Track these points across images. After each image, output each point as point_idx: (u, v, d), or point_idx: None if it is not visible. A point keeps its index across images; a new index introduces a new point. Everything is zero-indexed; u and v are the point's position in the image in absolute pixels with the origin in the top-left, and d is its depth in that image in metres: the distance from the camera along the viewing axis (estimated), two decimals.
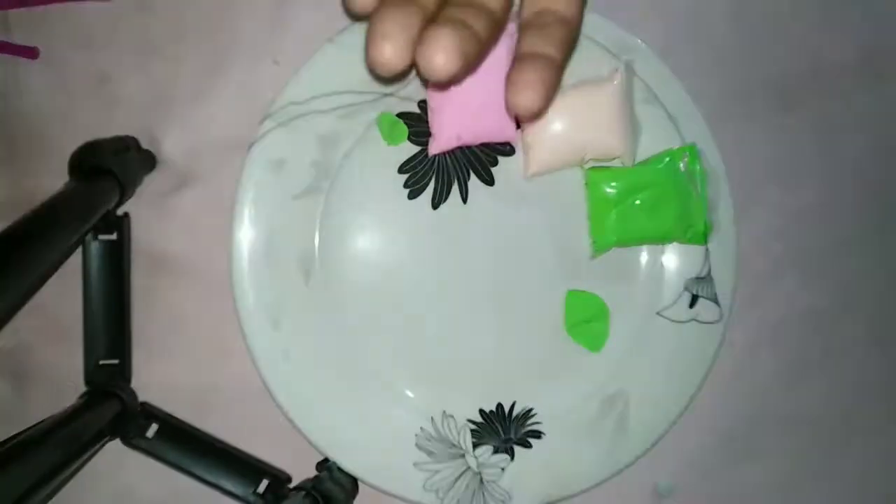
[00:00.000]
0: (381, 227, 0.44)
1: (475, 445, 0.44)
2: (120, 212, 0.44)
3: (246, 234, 0.42)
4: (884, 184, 0.48)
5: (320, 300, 0.43)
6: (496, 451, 0.44)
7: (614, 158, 0.44)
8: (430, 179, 0.44)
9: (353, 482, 0.44)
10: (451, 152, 0.44)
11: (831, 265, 0.48)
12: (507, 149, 0.45)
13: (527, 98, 0.27)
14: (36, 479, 0.35)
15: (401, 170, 0.44)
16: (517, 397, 0.45)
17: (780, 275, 0.47)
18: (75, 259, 0.43)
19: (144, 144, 0.44)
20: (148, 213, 0.45)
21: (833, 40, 0.47)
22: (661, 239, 0.45)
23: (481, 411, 0.45)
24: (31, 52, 0.44)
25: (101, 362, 0.43)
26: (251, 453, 0.44)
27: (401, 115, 0.44)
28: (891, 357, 0.48)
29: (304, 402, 0.43)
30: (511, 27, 0.38)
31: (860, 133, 0.48)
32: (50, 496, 0.38)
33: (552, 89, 0.28)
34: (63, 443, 0.38)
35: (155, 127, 0.45)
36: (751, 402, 0.47)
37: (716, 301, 0.45)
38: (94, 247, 0.43)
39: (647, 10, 0.46)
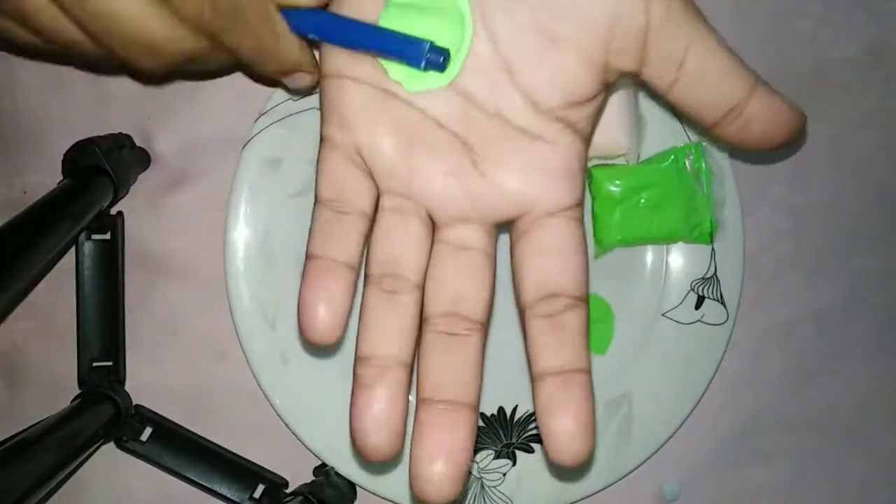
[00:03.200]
0: None
1: (476, 450, 0.44)
2: (113, 211, 0.43)
3: (241, 234, 0.42)
4: (893, 183, 0.47)
5: None
6: (497, 455, 0.44)
7: (618, 156, 0.43)
8: None
9: (351, 487, 0.43)
10: None
11: (840, 265, 0.47)
12: None
13: (576, 449, 0.24)
14: (28, 484, 0.35)
15: None
16: (519, 401, 0.44)
17: (788, 275, 0.47)
18: (68, 259, 0.43)
19: (138, 142, 0.44)
20: (142, 212, 0.44)
21: (840, 37, 0.47)
22: (667, 238, 0.44)
23: (482, 415, 0.44)
24: None
25: (95, 364, 0.43)
26: (247, 457, 0.44)
27: None
28: None
29: (300, 406, 0.42)
30: None
31: (869, 131, 0.47)
32: (43, 500, 0.38)
33: (593, 416, 0.24)
34: (56, 446, 0.38)
35: (148, 124, 0.44)
36: (758, 404, 0.47)
37: (722, 302, 0.44)
38: (88, 246, 0.42)
39: None
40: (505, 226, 0.28)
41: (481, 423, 0.44)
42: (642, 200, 0.43)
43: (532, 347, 0.26)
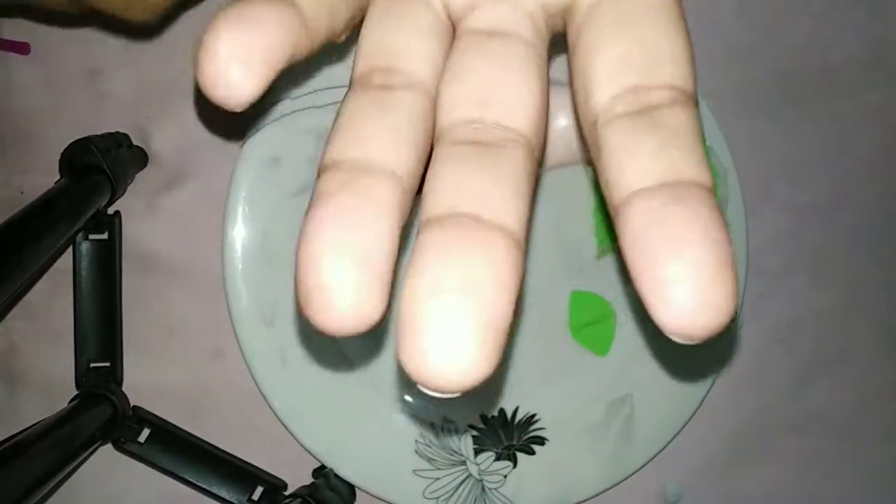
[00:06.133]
0: None
1: (476, 452, 0.43)
2: (111, 210, 0.43)
3: (239, 233, 0.41)
4: (895, 182, 0.47)
5: None
6: (498, 457, 0.43)
7: None
8: None
9: (351, 490, 0.43)
10: None
11: (843, 264, 0.47)
12: None
13: (710, 300, 0.14)
14: (25, 485, 0.34)
15: None
16: (520, 402, 0.44)
17: (791, 274, 0.46)
18: (65, 259, 0.42)
19: (135, 141, 0.43)
20: (139, 211, 0.44)
21: (843, 36, 0.47)
22: None
23: (483, 417, 0.44)
24: (22, 48, 0.44)
25: (92, 365, 0.42)
26: (246, 459, 0.43)
27: None
28: None
29: (299, 407, 0.42)
30: None
31: (871, 130, 0.47)
32: (40, 503, 0.38)
33: (732, 254, 0.14)
34: (53, 448, 0.38)
35: (146, 123, 0.44)
36: (761, 405, 0.46)
37: None
38: (85, 246, 0.42)
39: None
40: (558, 32, 0.19)
41: (482, 426, 0.44)
42: None
43: (609, 163, 0.15)
